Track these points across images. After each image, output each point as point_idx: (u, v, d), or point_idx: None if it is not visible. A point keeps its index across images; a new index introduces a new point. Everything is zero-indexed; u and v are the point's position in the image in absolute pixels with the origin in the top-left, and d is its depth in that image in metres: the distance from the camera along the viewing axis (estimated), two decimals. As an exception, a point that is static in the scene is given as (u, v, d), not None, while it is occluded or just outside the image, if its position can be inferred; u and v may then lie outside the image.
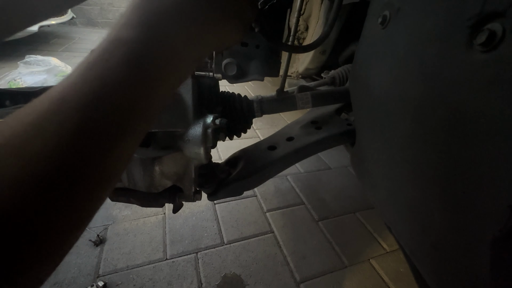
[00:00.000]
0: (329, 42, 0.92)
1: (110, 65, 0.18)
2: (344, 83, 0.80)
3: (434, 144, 0.32)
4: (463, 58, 0.28)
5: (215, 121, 0.42)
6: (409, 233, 0.40)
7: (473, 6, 0.26)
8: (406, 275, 0.98)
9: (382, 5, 0.41)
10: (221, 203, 1.21)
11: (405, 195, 0.39)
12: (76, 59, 2.79)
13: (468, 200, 0.28)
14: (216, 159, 1.47)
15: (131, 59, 0.18)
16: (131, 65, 0.18)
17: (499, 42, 0.24)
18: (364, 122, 0.49)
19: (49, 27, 3.29)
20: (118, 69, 0.18)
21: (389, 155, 0.40)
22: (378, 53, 0.43)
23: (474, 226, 0.28)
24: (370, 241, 1.11)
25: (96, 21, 4.39)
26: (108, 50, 0.18)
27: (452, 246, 0.31)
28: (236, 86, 2.47)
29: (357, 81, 0.51)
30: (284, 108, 0.61)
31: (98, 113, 0.17)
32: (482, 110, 0.26)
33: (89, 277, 0.85)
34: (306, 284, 0.92)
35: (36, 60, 1.88)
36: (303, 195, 1.31)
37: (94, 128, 0.16)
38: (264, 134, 1.81)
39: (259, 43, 0.54)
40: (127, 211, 1.12)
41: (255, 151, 0.63)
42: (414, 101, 0.34)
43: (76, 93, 0.16)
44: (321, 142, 0.62)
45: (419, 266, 0.43)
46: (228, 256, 0.98)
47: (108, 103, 0.17)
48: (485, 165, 0.26)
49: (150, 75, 0.19)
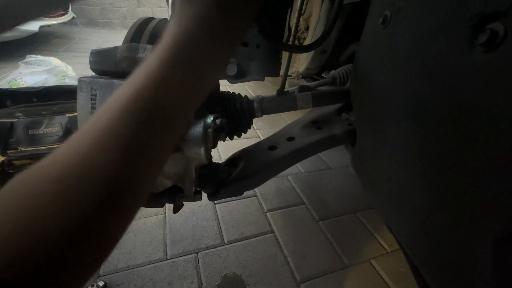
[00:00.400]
0: (330, 42, 0.92)
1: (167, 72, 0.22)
2: (344, 83, 0.80)
3: (435, 144, 0.32)
4: (465, 58, 0.28)
5: (215, 121, 0.42)
6: (410, 234, 0.40)
7: (475, 6, 0.26)
8: (407, 275, 0.97)
9: (383, 4, 0.41)
10: (221, 203, 1.21)
11: (406, 195, 0.38)
12: (77, 59, 2.79)
13: (470, 201, 0.28)
14: (216, 159, 1.47)
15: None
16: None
17: (501, 42, 0.24)
18: (365, 122, 0.49)
19: (50, 27, 3.29)
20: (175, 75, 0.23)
21: (390, 155, 0.40)
22: (379, 53, 0.42)
23: (476, 227, 0.28)
24: (371, 241, 1.11)
25: (97, 21, 4.39)
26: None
27: (453, 247, 0.31)
28: (236, 86, 2.47)
29: (357, 81, 0.51)
30: (285, 108, 0.61)
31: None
32: (484, 110, 0.26)
33: (90, 277, 0.85)
34: (307, 284, 0.92)
35: (36, 60, 1.88)
36: (304, 195, 1.31)
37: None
38: (265, 134, 1.81)
39: (260, 43, 0.54)
40: (128, 211, 1.12)
41: (256, 151, 0.63)
42: (415, 101, 0.34)
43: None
44: (321, 142, 0.62)
45: (419, 267, 0.43)
46: (228, 256, 0.98)
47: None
48: (487, 165, 0.26)
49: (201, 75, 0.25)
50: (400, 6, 0.37)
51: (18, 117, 1.11)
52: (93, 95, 0.35)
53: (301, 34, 1.00)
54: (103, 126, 0.19)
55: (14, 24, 0.27)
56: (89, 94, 0.35)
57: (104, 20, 4.40)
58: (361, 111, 0.50)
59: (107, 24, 4.43)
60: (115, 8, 4.35)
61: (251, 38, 0.53)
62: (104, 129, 0.19)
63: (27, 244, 0.15)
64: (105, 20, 4.40)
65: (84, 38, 3.69)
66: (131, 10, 4.43)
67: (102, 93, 0.35)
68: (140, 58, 0.38)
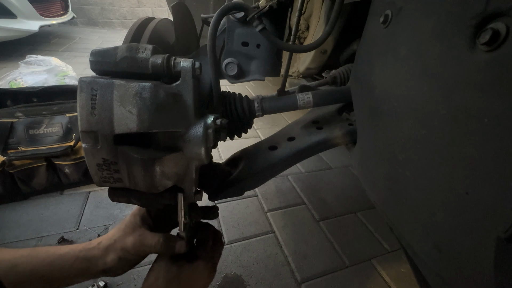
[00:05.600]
0: (330, 42, 0.92)
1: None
2: (345, 83, 0.80)
3: (437, 144, 0.32)
4: (466, 57, 0.27)
5: (216, 121, 0.42)
6: (411, 234, 0.40)
7: (476, 5, 0.26)
8: (408, 276, 0.97)
9: (384, 4, 0.41)
10: (222, 203, 1.21)
11: (407, 195, 0.38)
12: (77, 58, 2.80)
13: (472, 201, 0.28)
14: (216, 159, 1.47)
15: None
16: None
17: (503, 41, 0.24)
18: (365, 122, 0.49)
19: (50, 27, 3.30)
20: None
21: (391, 155, 0.40)
22: (379, 52, 0.42)
23: (478, 227, 0.28)
24: (372, 241, 1.11)
25: (97, 21, 4.39)
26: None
27: (455, 247, 0.31)
28: (236, 86, 2.47)
29: (358, 80, 0.50)
30: (285, 108, 0.61)
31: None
32: (486, 110, 0.26)
33: (90, 277, 0.85)
34: (307, 284, 0.92)
35: (36, 60, 1.88)
36: (304, 195, 1.31)
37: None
38: (265, 134, 1.81)
39: (260, 43, 0.53)
40: (128, 211, 1.12)
41: (256, 151, 0.63)
42: (417, 100, 0.34)
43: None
44: (322, 142, 0.62)
45: (421, 267, 0.43)
46: (229, 256, 0.98)
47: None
48: (489, 165, 0.26)
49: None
50: (401, 6, 0.37)
51: (18, 117, 1.11)
52: (93, 95, 0.35)
53: (301, 34, 1.00)
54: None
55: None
56: (90, 94, 0.35)
57: (104, 19, 4.40)
58: (361, 111, 0.50)
59: (107, 23, 4.43)
60: (115, 8, 4.35)
61: (252, 38, 0.53)
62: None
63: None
64: (105, 19, 4.41)
65: (84, 38, 3.69)
66: (131, 10, 4.43)
67: (102, 93, 0.35)
68: (140, 58, 0.38)
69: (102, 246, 0.46)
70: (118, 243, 0.46)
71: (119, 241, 0.46)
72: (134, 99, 0.35)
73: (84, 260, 0.44)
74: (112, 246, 0.46)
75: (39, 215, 1.07)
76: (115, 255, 0.45)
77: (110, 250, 0.45)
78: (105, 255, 0.45)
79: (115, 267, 0.46)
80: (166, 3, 2.76)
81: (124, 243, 0.46)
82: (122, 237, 0.46)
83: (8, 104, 1.25)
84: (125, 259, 0.46)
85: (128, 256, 0.46)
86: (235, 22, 0.52)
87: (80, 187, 1.21)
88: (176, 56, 0.40)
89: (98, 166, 0.37)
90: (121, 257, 0.45)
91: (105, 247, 0.46)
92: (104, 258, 0.45)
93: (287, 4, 0.54)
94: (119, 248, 0.45)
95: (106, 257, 0.45)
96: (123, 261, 0.46)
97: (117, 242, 0.46)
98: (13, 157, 1.05)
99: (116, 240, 0.46)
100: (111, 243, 0.46)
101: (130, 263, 0.47)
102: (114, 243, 0.46)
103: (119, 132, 0.36)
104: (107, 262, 0.45)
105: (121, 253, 0.45)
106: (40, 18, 2.79)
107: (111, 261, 0.45)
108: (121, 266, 0.46)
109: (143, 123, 0.36)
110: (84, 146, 0.36)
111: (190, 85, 0.39)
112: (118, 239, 0.46)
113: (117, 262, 0.45)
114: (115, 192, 0.44)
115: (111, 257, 0.45)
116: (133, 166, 0.37)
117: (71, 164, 1.13)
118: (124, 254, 0.46)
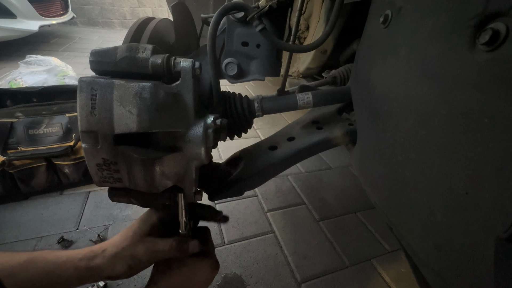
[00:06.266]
0: (330, 42, 0.92)
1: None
2: (345, 83, 0.80)
3: (437, 144, 0.32)
4: (466, 57, 0.28)
5: (216, 121, 0.42)
6: (411, 234, 0.40)
7: (476, 5, 0.26)
8: (408, 276, 0.97)
9: (384, 4, 0.41)
10: (221, 203, 1.21)
11: (407, 195, 0.38)
12: (77, 58, 2.80)
13: (472, 201, 0.28)
14: (216, 159, 1.47)
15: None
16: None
17: (503, 41, 0.24)
18: (365, 121, 0.49)
19: (50, 27, 3.30)
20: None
21: (390, 155, 0.40)
22: (379, 52, 0.42)
23: (478, 227, 0.28)
24: (372, 241, 1.11)
25: (97, 21, 4.39)
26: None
27: (455, 247, 0.31)
28: (236, 86, 2.47)
29: (358, 80, 0.50)
30: (285, 108, 0.61)
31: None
32: (486, 110, 0.26)
33: (90, 277, 0.85)
34: (307, 284, 0.92)
35: (36, 60, 1.88)
36: (304, 195, 1.31)
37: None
38: (265, 134, 1.81)
39: (260, 43, 0.53)
40: (128, 211, 1.12)
41: (256, 151, 0.63)
42: (416, 100, 0.34)
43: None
44: (322, 142, 0.62)
45: (420, 267, 0.43)
46: (228, 256, 0.98)
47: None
48: (489, 165, 0.26)
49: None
50: (401, 6, 0.37)
51: (18, 117, 1.11)
52: (93, 95, 0.35)
53: (301, 34, 1.00)
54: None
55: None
56: (89, 94, 0.35)
57: (104, 19, 4.40)
58: (361, 111, 0.50)
59: (107, 23, 4.43)
60: (115, 7, 4.35)
61: (252, 38, 0.53)
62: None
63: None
64: (105, 19, 4.40)
65: (84, 37, 3.69)
66: (131, 9, 4.43)
67: (102, 93, 0.35)
68: (140, 58, 0.38)
69: (108, 254, 0.44)
70: (127, 251, 0.44)
71: (128, 249, 0.44)
72: (134, 99, 0.35)
73: (86, 269, 0.42)
74: (120, 254, 0.44)
75: (39, 215, 1.07)
76: (125, 263, 0.44)
77: (118, 259, 0.44)
78: (113, 264, 0.43)
79: (124, 275, 0.45)
80: (166, 3, 2.76)
81: (134, 251, 0.44)
82: (132, 245, 0.45)
83: (8, 104, 1.25)
84: (136, 267, 0.45)
85: (139, 264, 0.45)
86: (235, 22, 0.52)
87: (80, 187, 1.21)
88: (176, 56, 0.40)
89: (98, 166, 0.37)
90: (131, 265, 0.44)
91: (111, 255, 0.44)
92: (111, 267, 0.43)
93: (287, 4, 0.54)
94: (128, 256, 0.44)
95: (115, 265, 0.44)
96: (134, 269, 0.45)
97: (125, 250, 0.44)
98: (13, 157, 1.05)
99: (125, 248, 0.44)
100: (119, 251, 0.44)
101: (139, 270, 0.46)
102: (122, 251, 0.44)
103: (119, 132, 0.36)
104: (115, 270, 0.44)
105: (131, 261, 0.44)
106: (40, 18, 2.79)
107: (120, 269, 0.44)
108: (130, 273, 0.45)
109: (143, 123, 0.36)
110: (84, 146, 0.36)
111: (190, 85, 0.39)
112: (127, 247, 0.44)
113: (127, 270, 0.44)
114: (115, 192, 0.44)
115: (120, 265, 0.44)
116: (133, 166, 0.37)
117: (71, 164, 1.13)
118: (134, 262, 0.44)
